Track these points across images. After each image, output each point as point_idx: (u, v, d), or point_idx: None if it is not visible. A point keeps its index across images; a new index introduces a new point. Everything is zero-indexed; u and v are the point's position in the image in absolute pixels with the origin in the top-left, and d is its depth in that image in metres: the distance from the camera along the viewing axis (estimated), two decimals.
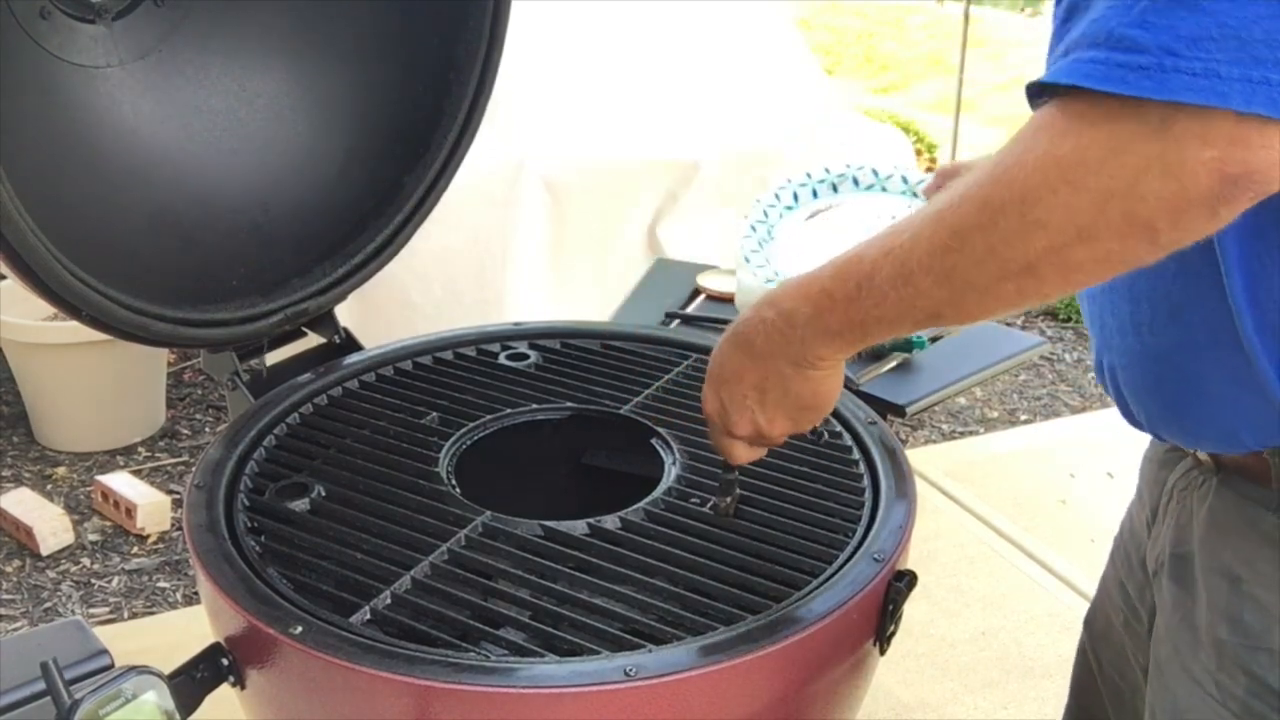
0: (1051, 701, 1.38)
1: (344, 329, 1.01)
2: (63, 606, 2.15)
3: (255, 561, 0.74)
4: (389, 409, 0.94)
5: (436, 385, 0.98)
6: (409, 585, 0.74)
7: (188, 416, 2.88)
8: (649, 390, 0.97)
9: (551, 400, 0.97)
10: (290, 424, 0.91)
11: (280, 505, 0.81)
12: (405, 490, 0.83)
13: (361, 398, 0.96)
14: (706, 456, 0.86)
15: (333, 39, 0.98)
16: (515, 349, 1.05)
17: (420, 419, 0.93)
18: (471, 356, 1.04)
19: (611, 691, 0.62)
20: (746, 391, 0.71)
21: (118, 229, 0.87)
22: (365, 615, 0.70)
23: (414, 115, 1.00)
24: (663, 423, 0.92)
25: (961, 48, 4.40)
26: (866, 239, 0.64)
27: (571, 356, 1.05)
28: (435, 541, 0.77)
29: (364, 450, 0.88)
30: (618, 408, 0.95)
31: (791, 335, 0.67)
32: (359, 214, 0.99)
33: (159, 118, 0.91)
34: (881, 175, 1.19)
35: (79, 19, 0.84)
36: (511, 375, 1.01)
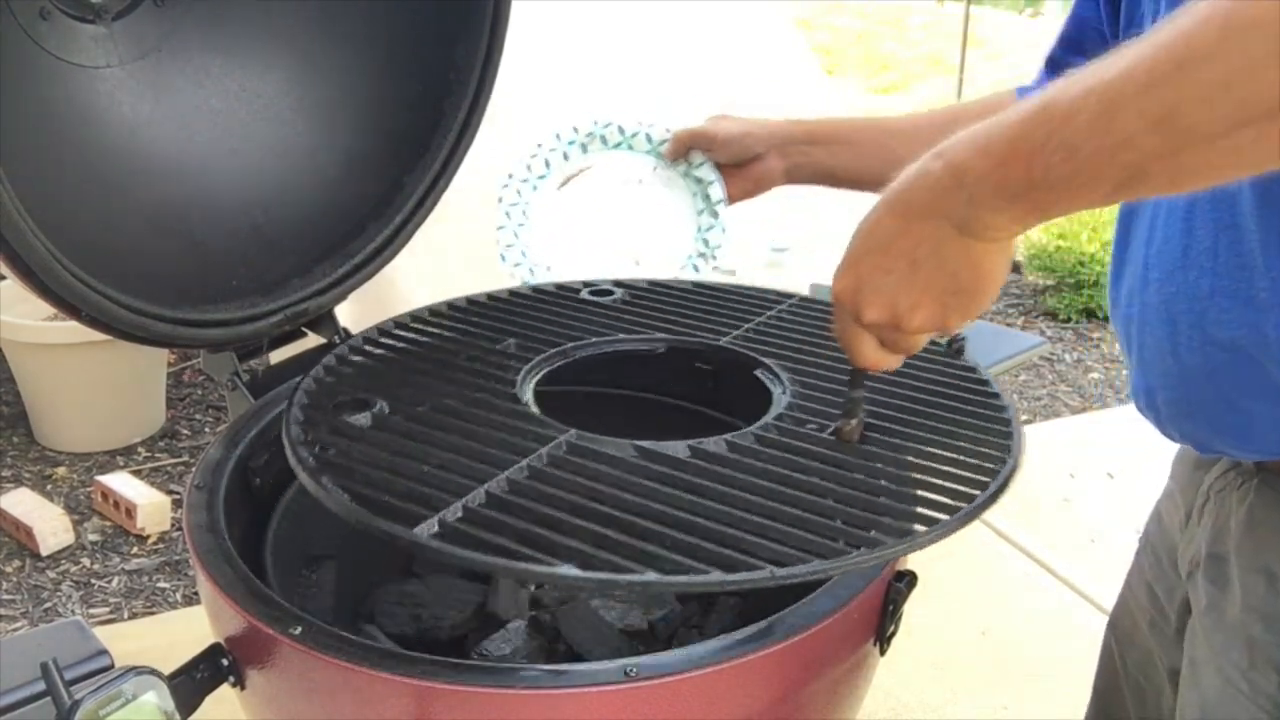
0: (1052, 701, 1.38)
1: (344, 329, 1.01)
2: (63, 606, 2.15)
3: (313, 472, 0.68)
4: (461, 334, 0.89)
5: (513, 314, 0.93)
6: (483, 499, 0.66)
7: (188, 416, 2.88)
8: (748, 325, 0.92)
9: (640, 331, 0.92)
10: (352, 346, 0.86)
11: (338, 419, 0.75)
12: (479, 408, 0.76)
13: (431, 323, 0.91)
14: (821, 388, 0.80)
15: (333, 39, 0.98)
16: (597, 286, 1.00)
17: (496, 344, 0.87)
18: (550, 292, 0.99)
19: (611, 692, 0.62)
20: (893, 263, 0.61)
21: (118, 229, 0.87)
22: (433, 527, 0.63)
23: (414, 115, 1.00)
24: (768, 355, 0.86)
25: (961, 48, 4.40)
26: (1063, 79, 0.54)
27: (659, 294, 1.00)
28: (513, 457, 0.70)
29: (434, 370, 0.82)
30: (716, 338, 0.90)
31: (960, 194, 0.57)
32: (359, 214, 0.99)
33: (159, 118, 0.91)
34: (627, 133, 1.15)
35: (79, 19, 0.84)
36: (595, 309, 0.95)
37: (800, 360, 0.85)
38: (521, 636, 0.86)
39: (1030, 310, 4.24)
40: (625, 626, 0.88)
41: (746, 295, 1.00)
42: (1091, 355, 3.81)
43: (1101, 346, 3.90)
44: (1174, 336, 0.70)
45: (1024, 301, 4.36)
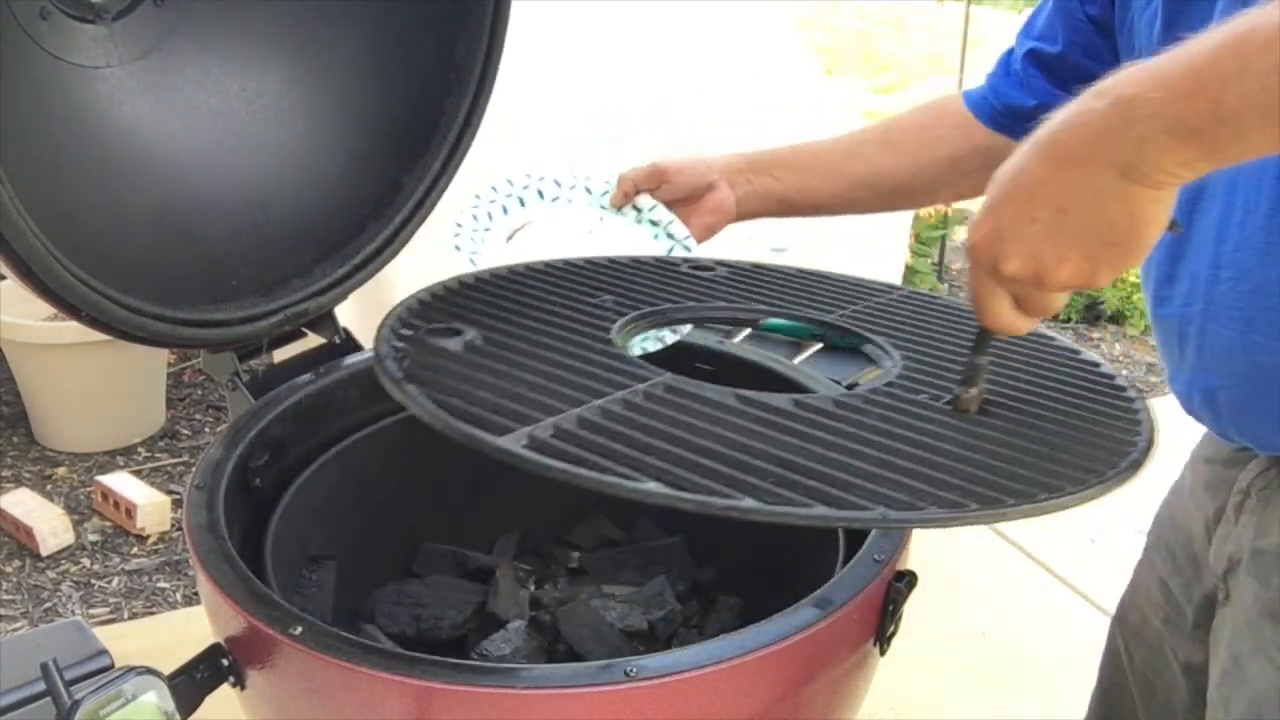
0: (1052, 701, 1.38)
1: (344, 329, 1.01)
2: (63, 607, 2.16)
3: (399, 381, 0.66)
4: (558, 287, 0.87)
5: (612, 278, 0.91)
6: (574, 421, 0.63)
7: (188, 416, 2.88)
8: (854, 307, 0.90)
9: (742, 304, 0.90)
10: (447, 285, 0.84)
11: (430, 340, 0.73)
12: (573, 347, 0.74)
13: (528, 275, 0.89)
14: (934, 365, 0.77)
15: (333, 39, 0.98)
16: (699, 261, 0.98)
17: (593, 299, 0.85)
18: (650, 263, 0.96)
19: (611, 692, 0.62)
20: (1039, 210, 0.55)
21: (117, 229, 0.87)
22: (521, 440, 0.61)
23: (414, 115, 1.00)
24: (876, 333, 0.84)
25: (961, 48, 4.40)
26: (1247, 14, 0.50)
27: (762, 274, 0.97)
28: (608, 389, 0.67)
29: (529, 312, 0.80)
30: (826, 315, 0.88)
31: (1128, 133, 0.52)
32: (359, 214, 0.99)
33: (159, 118, 0.91)
34: (564, 185, 1.11)
35: (79, 19, 0.84)
36: (696, 280, 0.94)
37: (910, 340, 0.82)
38: (521, 636, 0.86)
39: None
40: (625, 626, 0.88)
41: (852, 282, 0.98)
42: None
43: (1101, 346, 3.90)
44: (1248, 335, 0.68)
45: None
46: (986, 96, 1.07)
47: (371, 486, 0.97)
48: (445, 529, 1.02)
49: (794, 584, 0.74)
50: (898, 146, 1.10)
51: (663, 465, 0.59)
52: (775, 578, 0.93)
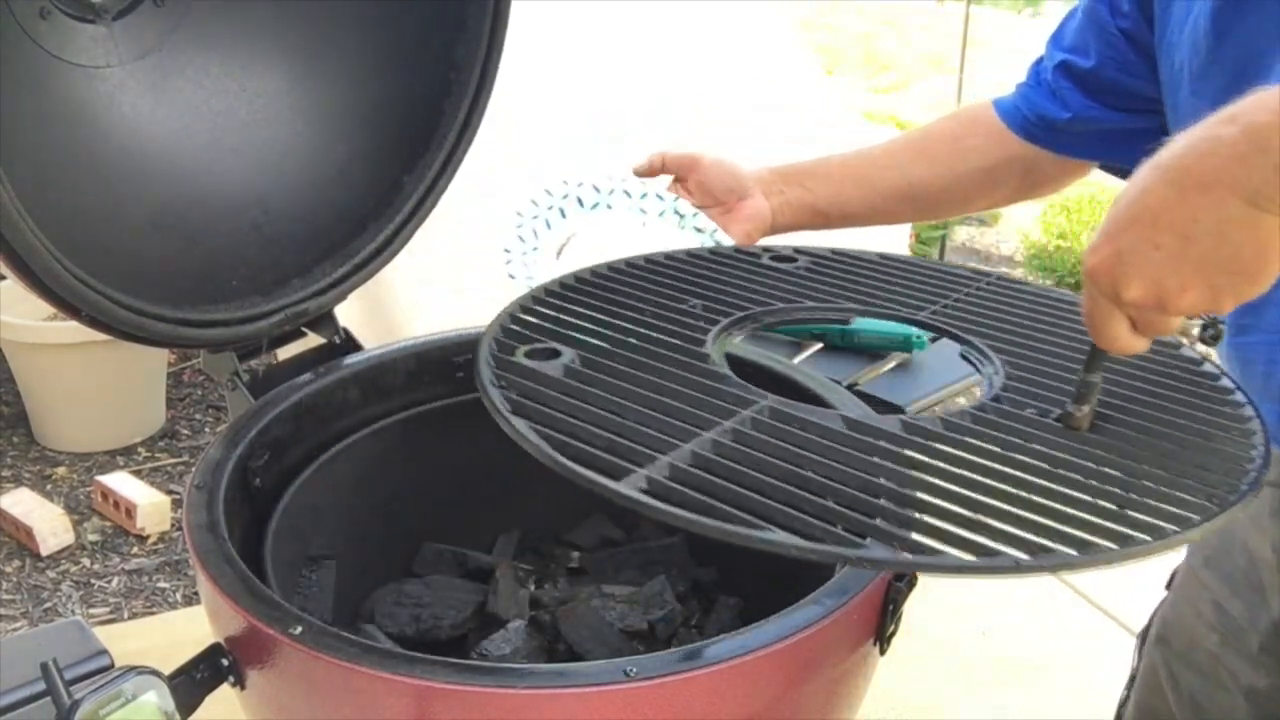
0: (1052, 701, 1.38)
1: (344, 329, 1.01)
2: (63, 606, 2.16)
3: (507, 415, 0.66)
4: (645, 291, 0.86)
5: (695, 276, 0.89)
6: (689, 458, 0.62)
7: (188, 416, 2.88)
8: (945, 301, 0.86)
9: (829, 301, 0.87)
10: (535, 295, 0.84)
11: (529, 365, 0.72)
12: (671, 366, 0.73)
13: (612, 279, 0.88)
14: (1037, 372, 0.75)
15: (333, 39, 0.98)
16: (778, 252, 0.95)
17: (681, 303, 0.84)
18: (729, 255, 0.95)
19: (611, 692, 0.62)
20: (1162, 237, 0.54)
21: (117, 229, 0.87)
22: (640, 483, 0.60)
23: (414, 115, 1.00)
24: (973, 333, 0.81)
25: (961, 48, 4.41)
26: None
27: (844, 263, 0.94)
28: (715, 419, 0.66)
29: (620, 325, 0.79)
30: (913, 313, 0.85)
31: (1258, 160, 0.51)
32: (359, 214, 0.99)
33: (159, 118, 0.91)
34: (603, 190, 1.08)
35: (79, 19, 0.84)
36: (778, 274, 0.90)
37: (1009, 341, 0.80)
38: (521, 636, 0.86)
39: None
40: (625, 626, 0.88)
41: (938, 270, 0.94)
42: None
43: None
44: None
45: None
46: (1018, 106, 1.06)
47: (371, 486, 0.97)
48: (445, 529, 1.02)
49: (794, 584, 0.74)
50: (931, 156, 1.10)
51: (785, 509, 0.58)
52: (775, 578, 0.93)
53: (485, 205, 2.47)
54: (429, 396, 1.01)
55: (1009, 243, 5.04)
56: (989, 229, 5.28)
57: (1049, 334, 0.81)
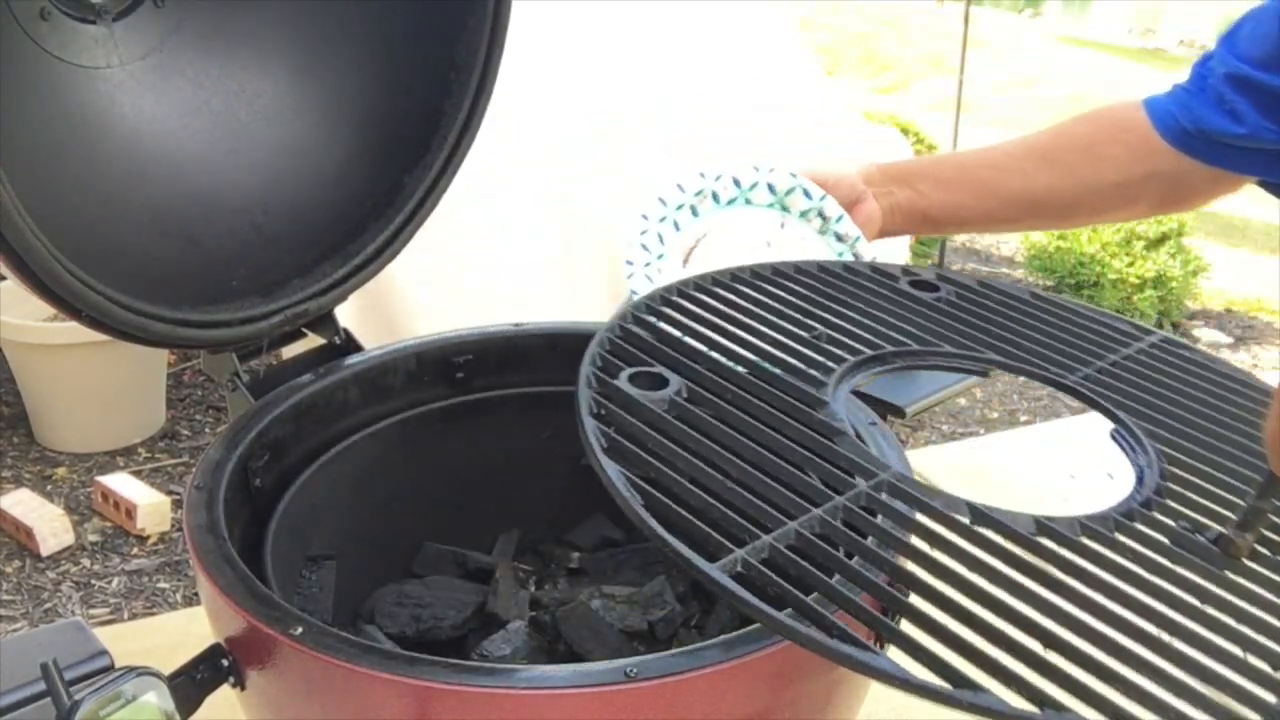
0: None
1: (344, 329, 1.01)
2: (63, 607, 2.16)
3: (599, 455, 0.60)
4: (768, 310, 0.79)
5: (824, 295, 0.82)
6: (792, 537, 0.57)
7: (188, 417, 2.88)
8: (1100, 363, 0.78)
9: (969, 346, 0.78)
10: (649, 303, 0.78)
11: (634, 394, 0.67)
12: (788, 414, 0.67)
13: (733, 290, 0.81)
14: (1197, 471, 0.67)
15: (333, 39, 0.98)
16: (919, 277, 0.88)
17: (805, 330, 0.77)
18: (865, 274, 0.87)
19: (611, 692, 0.62)
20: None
21: (117, 229, 0.87)
22: (734, 566, 0.56)
23: (414, 115, 1.00)
24: (1125, 409, 0.73)
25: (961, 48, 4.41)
26: None
27: (991, 300, 0.86)
28: (827, 491, 0.61)
29: (737, 352, 0.73)
30: (1063, 375, 0.76)
31: None
32: (359, 214, 0.99)
33: (159, 118, 0.91)
34: (744, 185, 0.97)
35: (79, 20, 0.84)
36: (916, 305, 0.83)
37: (1169, 425, 0.71)
38: (521, 636, 0.86)
39: None
40: (625, 627, 0.88)
41: (1097, 321, 0.84)
42: None
43: None
44: None
45: None
46: (1174, 113, 0.97)
47: (371, 486, 0.97)
48: (445, 529, 1.02)
49: None
50: (1060, 164, 1.01)
51: (891, 624, 0.53)
52: None
53: (485, 205, 2.47)
54: (429, 397, 1.01)
55: (1009, 243, 5.05)
56: None
57: (1218, 423, 0.72)
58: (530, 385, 1.04)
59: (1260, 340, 4.25)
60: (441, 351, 1.02)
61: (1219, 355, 0.85)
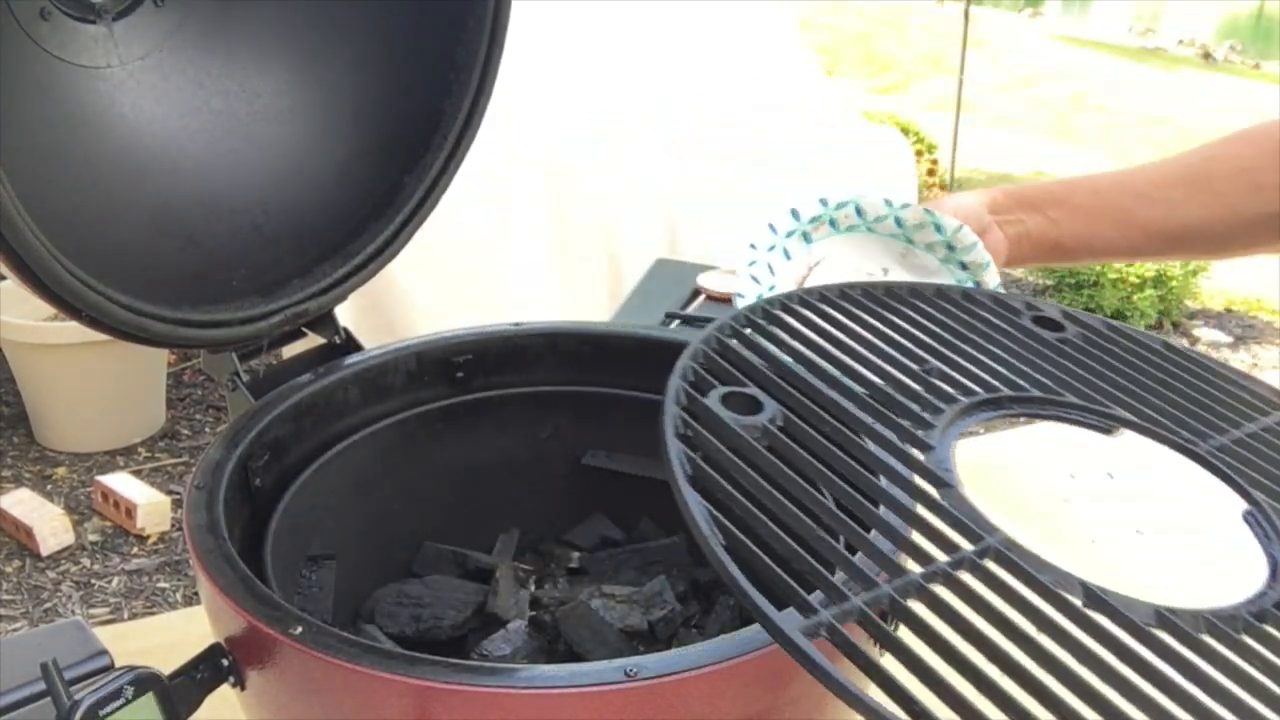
0: None
1: (344, 329, 1.01)
2: (63, 607, 2.16)
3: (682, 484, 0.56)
4: (876, 335, 0.74)
5: (938, 324, 0.77)
6: (886, 603, 0.53)
7: (188, 417, 2.88)
8: (1236, 433, 0.70)
9: (1093, 399, 0.72)
10: (748, 316, 0.72)
11: (725, 416, 0.62)
12: (889, 455, 0.62)
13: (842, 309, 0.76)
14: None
15: (333, 39, 0.98)
16: (1043, 313, 0.82)
17: (916, 362, 0.72)
18: (985, 304, 0.81)
19: (612, 692, 0.62)
20: None
21: (117, 229, 0.87)
22: (814, 628, 0.52)
23: (414, 115, 1.00)
24: (1262, 487, 0.65)
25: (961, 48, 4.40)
26: None
27: (1121, 345, 0.79)
28: (927, 550, 0.56)
29: (840, 379, 0.68)
30: (1194, 443, 0.69)
31: None
32: (359, 214, 0.99)
33: (159, 118, 0.91)
34: (868, 216, 0.90)
35: (79, 19, 0.84)
36: (1039, 344, 0.77)
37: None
38: (521, 636, 0.86)
39: None
40: (625, 626, 0.88)
41: (1234, 383, 0.77)
42: None
43: None
44: None
45: None
46: None
47: (371, 486, 0.97)
48: (445, 529, 1.02)
49: None
50: (1213, 192, 0.93)
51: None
52: None
53: (485, 205, 2.47)
54: (429, 397, 1.01)
55: None
56: None
57: None
58: (530, 385, 1.04)
59: (1260, 340, 4.25)
60: (441, 351, 1.02)
61: (1219, 355, 0.84)
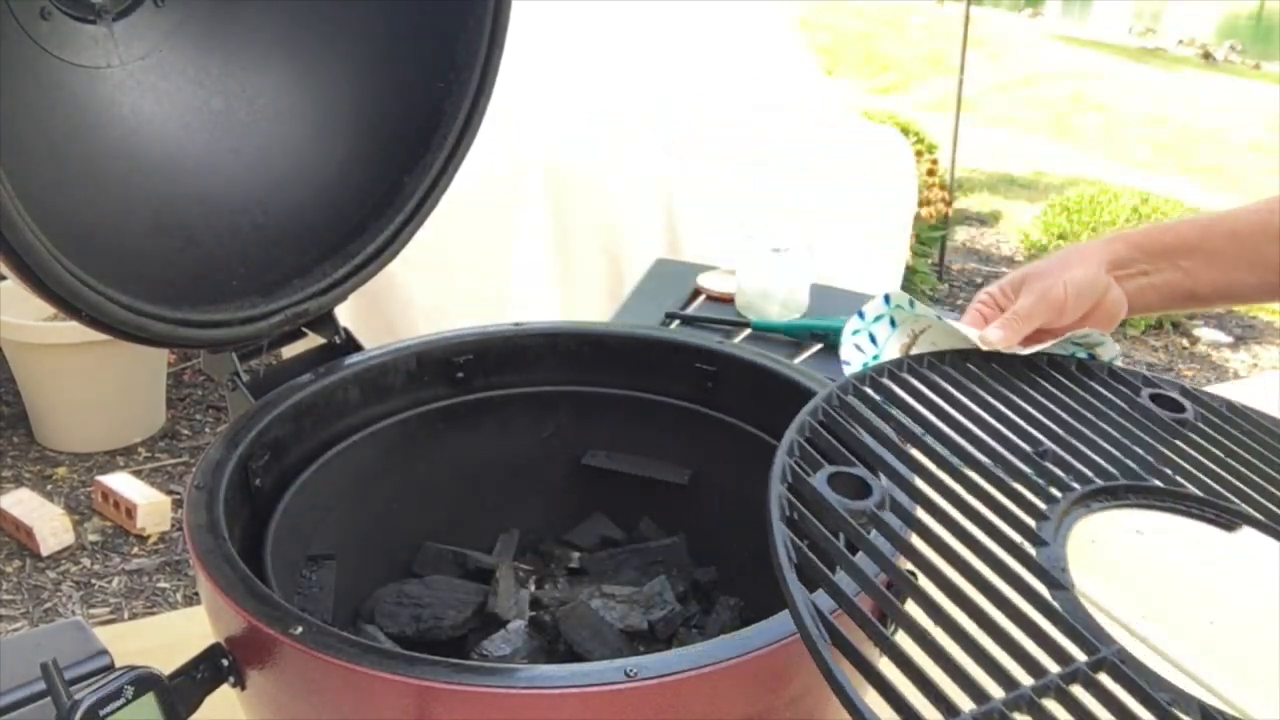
0: None
1: (344, 329, 1.01)
2: (63, 607, 2.16)
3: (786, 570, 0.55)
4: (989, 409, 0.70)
5: (1053, 400, 0.74)
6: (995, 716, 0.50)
7: (188, 417, 2.88)
8: None
9: (1216, 491, 0.67)
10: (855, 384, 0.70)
11: (832, 499, 0.60)
12: (999, 547, 0.58)
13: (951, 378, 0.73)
14: None
15: (333, 39, 0.98)
16: (1162, 390, 0.78)
17: (1029, 441, 0.68)
18: (1102, 379, 0.78)
19: (612, 692, 0.62)
20: None
21: (117, 229, 0.87)
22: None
23: (414, 115, 1.00)
24: None
25: (961, 48, 4.40)
26: None
27: (1243, 431, 0.74)
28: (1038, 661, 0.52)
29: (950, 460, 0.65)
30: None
31: None
32: (359, 214, 0.99)
33: (159, 118, 0.91)
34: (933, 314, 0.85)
35: (79, 19, 0.84)
36: (1157, 427, 0.73)
37: None
38: (521, 636, 0.86)
39: None
40: (625, 626, 0.88)
41: None
42: None
43: None
44: None
45: None
46: None
47: (371, 486, 0.97)
48: (445, 529, 1.02)
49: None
50: None
51: None
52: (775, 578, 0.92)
53: (485, 205, 2.47)
54: (429, 397, 1.01)
55: (1009, 243, 5.05)
56: (989, 229, 5.28)
57: None
58: (530, 385, 1.04)
59: (1260, 340, 4.25)
60: (441, 351, 1.02)
61: (1219, 355, 0.83)
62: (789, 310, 1.42)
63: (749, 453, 0.96)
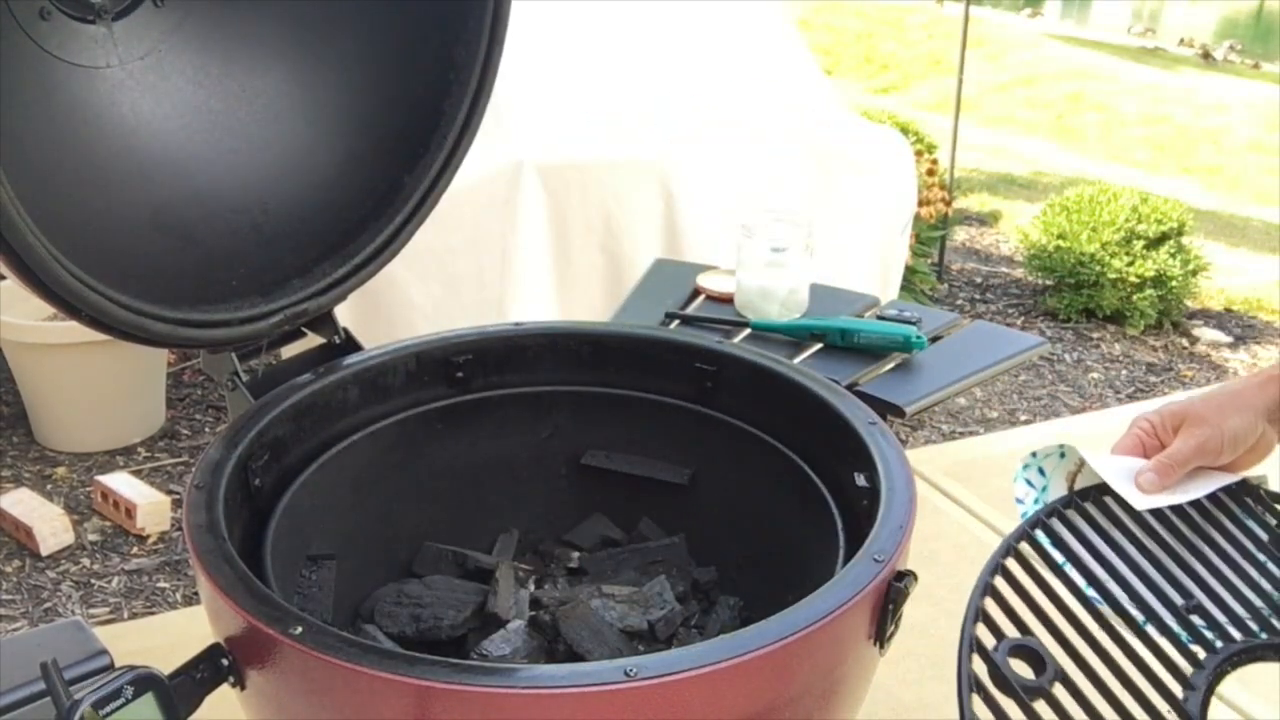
0: None
1: (344, 329, 1.01)
2: (63, 606, 2.16)
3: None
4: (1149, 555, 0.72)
5: (1208, 543, 0.73)
6: None
7: (188, 416, 2.88)
8: None
9: None
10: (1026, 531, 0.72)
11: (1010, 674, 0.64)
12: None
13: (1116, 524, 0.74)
14: None
15: (333, 39, 0.98)
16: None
17: (1182, 595, 0.69)
18: (1255, 512, 0.77)
19: (612, 692, 0.62)
20: None
21: (117, 229, 0.87)
22: None
23: (414, 115, 1.00)
24: None
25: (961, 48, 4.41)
26: None
27: None
28: None
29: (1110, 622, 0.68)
30: None
31: None
32: (359, 214, 0.99)
33: (159, 118, 0.91)
34: None
35: (79, 19, 0.84)
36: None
37: None
38: (521, 636, 0.86)
39: (1030, 310, 4.23)
40: (625, 627, 0.88)
41: None
42: (1091, 355, 3.80)
43: (1101, 346, 3.89)
44: None
45: (1024, 301, 4.35)
46: None
47: (371, 486, 0.97)
48: (445, 529, 1.02)
49: (794, 584, 0.74)
50: None
51: None
52: (775, 578, 0.93)
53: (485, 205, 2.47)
54: (429, 396, 1.01)
55: (1009, 242, 5.05)
56: (989, 229, 5.28)
57: None
58: (530, 385, 1.04)
59: (1260, 340, 4.25)
60: (441, 351, 1.02)
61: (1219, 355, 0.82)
62: (789, 310, 1.42)
63: (749, 453, 0.96)
